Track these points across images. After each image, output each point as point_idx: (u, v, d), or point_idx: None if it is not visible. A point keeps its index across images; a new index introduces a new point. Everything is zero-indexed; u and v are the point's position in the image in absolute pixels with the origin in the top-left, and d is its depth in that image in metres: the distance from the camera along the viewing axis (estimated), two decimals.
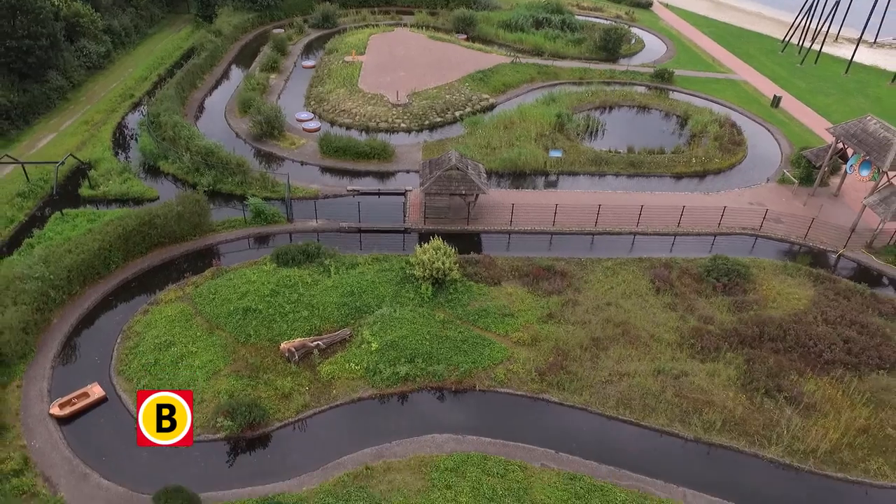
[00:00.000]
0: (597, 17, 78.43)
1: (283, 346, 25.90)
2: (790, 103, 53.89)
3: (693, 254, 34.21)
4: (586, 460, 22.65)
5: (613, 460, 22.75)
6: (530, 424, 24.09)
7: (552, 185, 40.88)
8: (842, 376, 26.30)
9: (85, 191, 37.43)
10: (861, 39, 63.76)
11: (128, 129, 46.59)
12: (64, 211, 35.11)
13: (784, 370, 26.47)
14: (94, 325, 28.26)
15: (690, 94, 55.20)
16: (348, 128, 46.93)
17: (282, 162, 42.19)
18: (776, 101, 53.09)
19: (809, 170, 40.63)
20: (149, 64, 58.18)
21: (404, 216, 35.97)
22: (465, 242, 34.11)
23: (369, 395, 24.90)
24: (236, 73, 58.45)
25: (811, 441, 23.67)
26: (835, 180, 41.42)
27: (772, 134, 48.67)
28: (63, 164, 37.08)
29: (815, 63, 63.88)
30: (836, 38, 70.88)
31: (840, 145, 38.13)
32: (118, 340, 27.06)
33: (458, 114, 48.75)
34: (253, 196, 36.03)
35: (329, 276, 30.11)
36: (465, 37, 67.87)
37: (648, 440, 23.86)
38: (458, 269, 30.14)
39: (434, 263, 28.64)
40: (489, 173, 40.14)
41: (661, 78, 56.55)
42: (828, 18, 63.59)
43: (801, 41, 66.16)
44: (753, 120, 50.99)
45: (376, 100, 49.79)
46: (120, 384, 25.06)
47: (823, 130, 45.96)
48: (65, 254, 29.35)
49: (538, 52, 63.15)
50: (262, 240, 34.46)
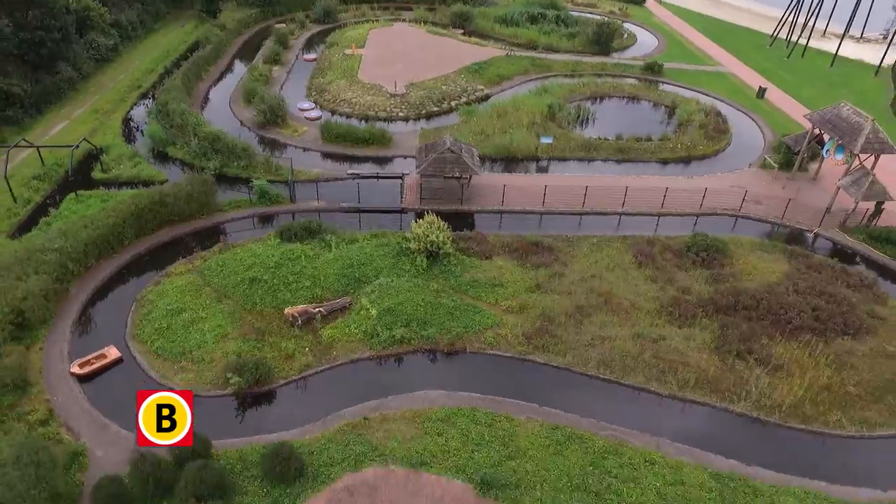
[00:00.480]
0: (591, 13, 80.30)
1: (287, 312, 27.78)
2: (775, 95, 55.71)
3: (675, 232, 36.05)
4: (568, 413, 24.50)
5: (594, 415, 24.59)
6: (517, 383, 25.93)
7: (543, 169, 42.76)
8: (809, 341, 28.14)
9: (97, 174, 39.32)
10: (845, 34, 65.64)
11: (136, 117, 48.46)
12: (78, 192, 36.96)
13: (755, 335, 28.32)
14: (109, 295, 30.13)
15: (679, 86, 57.05)
16: (348, 116, 48.81)
17: (285, 148, 44.05)
18: (761, 93, 54.94)
19: (789, 155, 42.47)
20: (155, 57, 60.09)
21: (401, 197, 37.85)
22: (459, 221, 35.93)
23: (367, 356, 26.76)
24: (239, 66, 60.31)
25: (777, 397, 25.52)
26: (813, 166, 43.23)
27: (756, 123, 50.55)
28: (78, 147, 38.91)
29: (802, 57, 65.74)
30: (824, 33, 72.71)
31: (817, 131, 39.99)
32: (132, 308, 28.91)
33: (453, 103, 50.64)
34: (258, 179, 37.88)
35: (330, 250, 31.97)
36: (462, 31, 69.74)
37: (627, 397, 25.71)
38: (452, 245, 32.00)
39: (428, 237, 30.49)
40: (483, 158, 42.01)
41: (651, 70, 58.44)
42: (813, 13, 65.40)
43: (789, 36, 67.99)
44: (739, 110, 52.85)
45: (375, 90, 51.71)
46: (134, 346, 26.91)
47: (803, 118, 47.71)
48: (81, 229, 31.22)
49: (532, 46, 65.07)
50: (266, 219, 36.31)
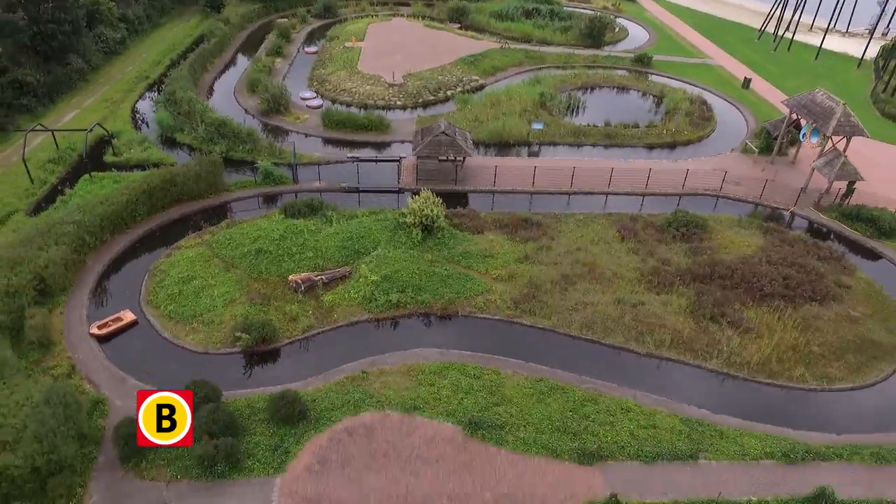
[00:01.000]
0: (584, 8, 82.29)
1: (291, 279, 29.78)
2: (761, 85, 57.70)
3: (659, 211, 38.03)
4: (552, 369, 26.46)
5: (576, 371, 26.52)
6: (505, 343, 27.87)
7: (534, 154, 44.74)
8: (778, 306, 30.11)
9: (109, 157, 41.29)
10: (829, 29, 67.93)
11: (145, 106, 50.46)
12: (92, 174, 38.93)
13: (729, 301, 30.28)
14: (123, 266, 32.13)
15: (668, 77, 59.05)
16: (348, 105, 50.81)
17: (287, 134, 46.03)
18: (746, 83, 56.94)
19: (769, 140, 44.44)
20: (161, 50, 62.14)
21: (398, 178, 39.84)
22: (453, 200, 37.88)
23: (366, 318, 28.74)
24: (243, 59, 62.27)
25: (747, 355, 27.49)
26: (793, 151, 45.20)
27: (740, 111, 52.56)
28: (91, 131, 40.88)
29: (788, 50, 67.76)
30: (811, 27, 74.72)
31: (794, 116, 41.98)
32: (145, 277, 30.90)
33: (449, 93, 52.65)
34: (262, 161, 39.81)
35: (331, 224, 33.96)
36: (458, 26, 71.77)
37: (607, 355, 27.68)
38: (446, 220, 33.97)
39: (424, 211, 32.47)
40: (476, 144, 44.00)
41: (641, 62, 60.45)
42: (798, 7, 67.44)
43: (776, 30, 69.99)
44: (725, 99, 54.87)
45: (374, 80, 53.74)
46: (148, 310, 28.89)
47: (781, 104, 49.62)
48: (97, 205, 33.22)
49: (527, 40, 67.11)
50: (270, 199, 38.27)
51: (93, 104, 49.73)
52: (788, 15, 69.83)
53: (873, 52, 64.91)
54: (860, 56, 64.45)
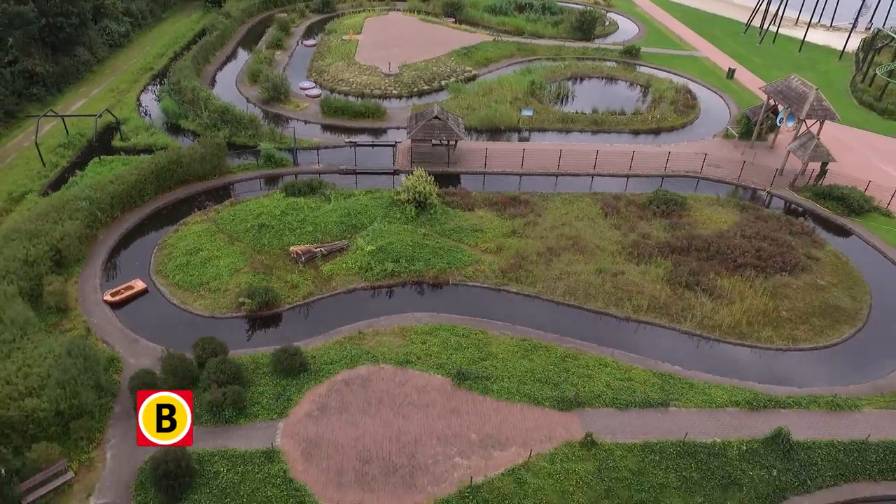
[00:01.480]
0: (576, 3, 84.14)
1: (292, 250, 31.68)
2: (745, 76, 59.66)
3: (641, 190, 39.95)
4: (536, 330, 28.34)
5: (558, 332, 28.42)
6: (492, 308, 29.78)
7: (524, 139, 46.67)
8: (750, 275, 32.04)
9: (117, 142, 43.18)
10: (811, 23, 70.14)
11: (150, 95, 52.32)
12: (101, 157, 40.78)
13: (704, 271, 32.19)
14: (133, 241, 34.03)
15: (655, 68, 60.98)
16: (346, 94, 52.70)
17: (288, 122, 47.93)
18: (730, 73, 58.93)
19: (749, 126, 46.40)
20: (164, 43, 64.01)
21: (394, 161, 41.75)
22: (446, 181, 39.74)
23: (362, 286, 30.65)
24: (243, 53, 64.04)
25: (719, 319, 29.42)
26: (772, 136, 47.14)
27: (723, 100, 54.53)
28: (101, 116, 42.76)
29: (773, 43, 69.78)
30: (796, 22, 76.76)
31: (772, 101, 43.94)
32: (154, 250, 32.78)
33: (443, 83, 54.56)
34: (264, 144, 41.66)
35: (329, 202, 35.87)
36: (453, 20, 73.65)
37: (588, 319, 29.59)
38: (438, 198, 35.87)
39: (416, 188, 34.37)
40: (469, 130, 45.92)
41: (629, 54, 62.41)
42: (783, 1, 69.50)
43: (762, 24, 72.02)
44: (709, 89, 56.81)
45: (371, 71, 55.68)
46: (158, 280, 30.76)
47: (759, 90, 51.48)
48: (108, 184, 35.10)
49: (519, 33, 69.04)
50: (272, 180, 40.13)
51: (99, 94, 51.57)
52: (775, 10, 71.82)
53: (854, 43, 66.96)
54: (842, 49, 66.47)
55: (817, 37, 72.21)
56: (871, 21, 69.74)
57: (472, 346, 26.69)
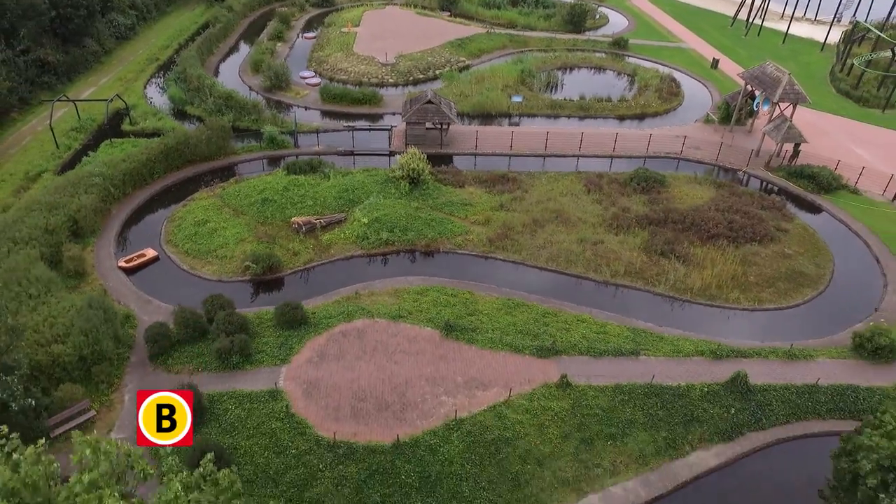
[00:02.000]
0: None
1: (293, 220, 33.90)
2: (729, 66, 61.85)
3: (623, 170, 42.17)
4: (520, 291, 30.57)
5: (541, 294, 30.63)
6: (480, 273, 32.01)
7: (514, 124, 48.90)
8: (722, 245, 34.26)
9: (127, 126, 45.41)
10: (794, 16, 72.73)
11: (156, 83, 54.56)
12: (112, 140, 43.01)
13: (679, 240, 34.42)
14: (144, 215, 36.27)
15: (642, 59, 63.20)
16: (344, 83, 54.87)
17: (289, 108, 50.16)
18: (715, 64, 61.16)
19: (728, 111, 48.63)
20: (169, 35, 66.23)
21: (389, 142, 43.98)
22: (439, 161, 41.95)
23: (359, 253, 32.88)
24: (245, 46, 66.22)
25: (690, 283, 31.65)
26: (750, 121, 49.37)
27: (707, 88, 56.75)
28: (112, 101, 44.99)
29: (758, 35, 72.01)
30: (782, 15, 78.97)
31: (749, 87, 46.19)
32: (164, 223, 35.01)
33: (438, 72, 56.77)
34: (267, 127, 43.88)
35: (328, 179, 38.10)
36: (448, 14, 75.86)
37: (569, 283, 31.81)
38: (430, 175, 38.10)
39: (410, 165, 36.61)
40: (461, 115, 48.15)
41: (618, 45, 64.62)
42: None
43: (748, 17, 74.20)
44: (693, 78, 59.02)
45: (368, 61, 57.90)
46: (168, 248, 33.00)
47: (737, 76, 53.63)
48: (120, 162, 37.35)
49: (512, 26, 71.26)
50: (274, 161, 42.34)
51: (108, 83, 53.77)
52: (758, 2, 74.00)
53: (836, 36, 69.18)
54: (826, 41, 68.70)
55: (801, 30, 74.45)
56: (854, 15, 71.83)
57: (459, 304, 28.92)
